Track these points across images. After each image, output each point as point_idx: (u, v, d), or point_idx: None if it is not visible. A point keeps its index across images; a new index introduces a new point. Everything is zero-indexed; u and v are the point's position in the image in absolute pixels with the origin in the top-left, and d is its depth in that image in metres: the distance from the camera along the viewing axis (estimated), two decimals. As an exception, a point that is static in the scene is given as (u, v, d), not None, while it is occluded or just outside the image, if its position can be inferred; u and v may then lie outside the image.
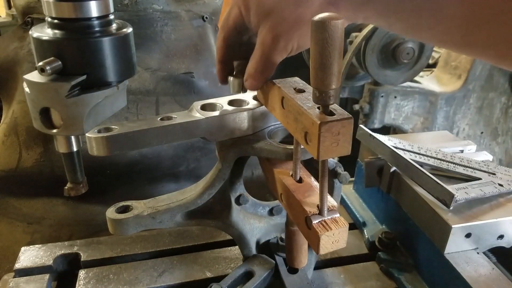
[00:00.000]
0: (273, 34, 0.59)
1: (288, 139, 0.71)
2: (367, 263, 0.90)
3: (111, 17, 0.61)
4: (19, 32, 1.19)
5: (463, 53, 0.52)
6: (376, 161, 0.92)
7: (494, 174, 0.88)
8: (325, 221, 0.57)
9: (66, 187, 0.68)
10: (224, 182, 0.71)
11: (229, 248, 0.91)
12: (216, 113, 0.68)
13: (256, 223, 0.80)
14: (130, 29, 0.62)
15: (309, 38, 0.58)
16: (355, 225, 1.00)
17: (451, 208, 0.77)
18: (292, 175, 0.67)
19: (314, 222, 0.57)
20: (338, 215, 0.59)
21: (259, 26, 0.60)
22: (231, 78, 0.69)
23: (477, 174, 0.87)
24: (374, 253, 0.90)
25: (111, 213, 0.67)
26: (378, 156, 0.93)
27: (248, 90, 0.67)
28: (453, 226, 0.75)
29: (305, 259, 0.76)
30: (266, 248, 0.83)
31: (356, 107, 1.80)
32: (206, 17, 1.28)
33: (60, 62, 0.55)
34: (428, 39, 0.58)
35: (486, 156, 0.98)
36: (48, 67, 0.54)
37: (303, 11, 0.56)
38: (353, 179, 1.09)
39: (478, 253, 0.78)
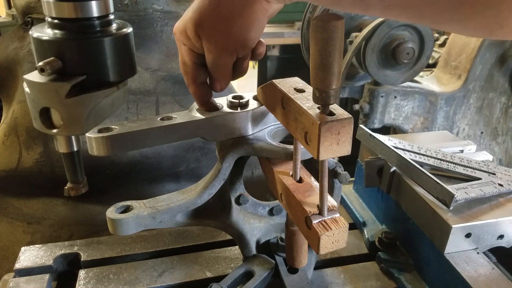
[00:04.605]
0: (210, 42, 0.60)
1: (288, 139, 0.71)
2: (367, 263, 0.90)
3: (111, 17, 0.61)
4: (19, 32, 1.19)
5: (383, 16, 0.50)
6: (376, 161, 0.92)
7: (494, 174, 0.88)
8: (325, 221, 0.57)
9: (66, 187, 0.68)
10: (224, 182, 0.71)
11: (229, 248, 0.91)
12: (216, 113, 0.68)
13: (256, 223, 0.80)
14: (130, 29, 0.62)
15: (251, 33, 0.58)
16: (355, 225, 1.00)
17: (451, 208, 0.77)
18: (292, 175, 0.67)
19: (314, 222, 0.57)
20: (338, 215, 0.59)
21: (203, 44, 0.61)
22: None
23: (477, 174, 0.87)
24: (374, 253, 0.90)
25: (111, 213, 0.67)
26: (378, 156, 0.93)
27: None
28: (453, 226, 0.75)
29: (305, 259, 0.76)
30: (266, 248, 0.83)
31: (356, 107, 1.80)
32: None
33: (60, 62, 0.55)
34: (347, 3, 0.52)
35: (486, 156, 0.98)
36: (48, 67, 0.54)
37: (222, 11, 0.57)
38: (353, 179, 1.09)
39: (478, 253, 0.78)
